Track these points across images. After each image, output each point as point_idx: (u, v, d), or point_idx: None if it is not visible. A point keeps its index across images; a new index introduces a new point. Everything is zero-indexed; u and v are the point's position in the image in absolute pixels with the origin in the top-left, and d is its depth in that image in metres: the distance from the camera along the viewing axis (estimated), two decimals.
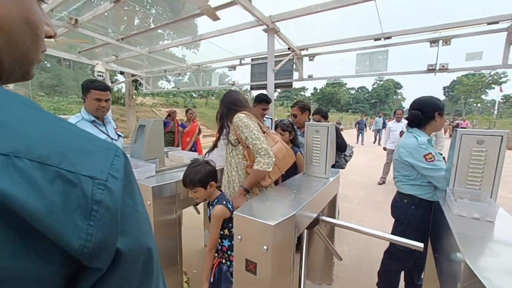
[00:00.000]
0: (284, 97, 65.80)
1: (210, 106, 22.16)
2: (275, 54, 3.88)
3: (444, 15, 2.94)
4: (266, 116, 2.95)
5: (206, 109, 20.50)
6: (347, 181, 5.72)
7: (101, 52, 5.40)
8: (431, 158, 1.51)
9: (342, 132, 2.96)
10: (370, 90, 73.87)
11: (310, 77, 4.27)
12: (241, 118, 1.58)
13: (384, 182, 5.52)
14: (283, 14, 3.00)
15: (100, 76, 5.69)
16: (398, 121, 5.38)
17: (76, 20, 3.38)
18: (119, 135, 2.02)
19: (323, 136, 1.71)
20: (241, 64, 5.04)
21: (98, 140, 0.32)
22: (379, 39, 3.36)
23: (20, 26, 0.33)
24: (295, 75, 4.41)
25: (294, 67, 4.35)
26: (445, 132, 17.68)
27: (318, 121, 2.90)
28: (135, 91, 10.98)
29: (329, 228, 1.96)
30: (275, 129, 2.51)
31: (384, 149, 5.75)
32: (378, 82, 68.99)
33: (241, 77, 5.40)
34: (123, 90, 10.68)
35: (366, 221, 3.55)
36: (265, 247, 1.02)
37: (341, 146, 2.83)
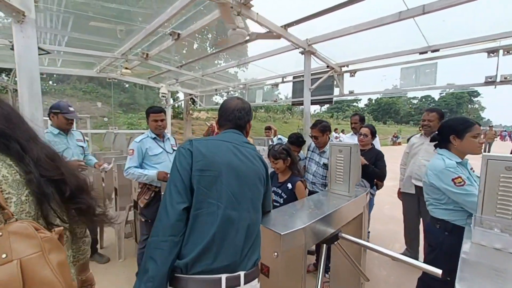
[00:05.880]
0: (335, 108, 63.28)
1: (258, 119, 23.10)
2: (315, 71, 4.03)
3: (503, 23, 2.66)
4: None
5: (254, 122, 21.29)
6: (385, 202, 5.23)
7: (165, 77, 6.37)
8: (460, 182, 1.45)
9: (399, 146, 2.65)
10: (437, 99, 65.40)
11: (351, 93, 4.24)
12: None
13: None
14: (319, 37, 3.16)
15: (164, 96, 6.67)
16: (427, 135, 2.60)
17: (147, 54, 4.18)
18: (173, 150, 2.47)
19: (346, 156, 1.79)
20: (283, 82, 5.31)
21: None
22: (425, 52, 3.20)
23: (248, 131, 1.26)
24: (336, 90, 4.44)
25: (335, 83, 4.39)
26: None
27: (365, 134, 2.72)
28: (192, 105, 12.31)
29: (356, 247, 1.96)
30: (268, 157, 2.14)
31: (399, 194, 3.02)
32: (446, 90, 60.60)
33: (285, 91, 5.63)
34: (183, 106, 12.21)
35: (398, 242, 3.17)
36: (275, 253, 1.19)
37: (378, 176, 2.55)
